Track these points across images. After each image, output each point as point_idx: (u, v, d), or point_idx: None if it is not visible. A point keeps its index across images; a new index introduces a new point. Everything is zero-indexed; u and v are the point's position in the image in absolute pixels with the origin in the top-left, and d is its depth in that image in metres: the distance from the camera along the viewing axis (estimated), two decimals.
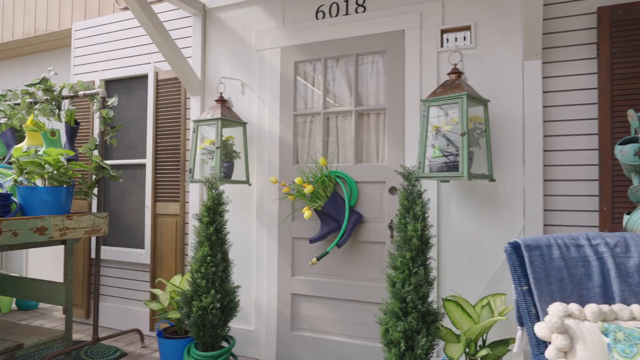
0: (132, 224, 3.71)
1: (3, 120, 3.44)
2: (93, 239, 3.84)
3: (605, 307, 1.40)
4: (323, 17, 3.02)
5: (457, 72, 2.37)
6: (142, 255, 3.61)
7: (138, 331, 3.36)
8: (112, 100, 3.18)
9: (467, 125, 2.21)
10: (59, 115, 3.22)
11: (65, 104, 3.92)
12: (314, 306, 2.97)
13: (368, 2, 2.90)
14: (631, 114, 1.95)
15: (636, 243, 1.56)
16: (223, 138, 3.02)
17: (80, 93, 3.22)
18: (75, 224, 2.77)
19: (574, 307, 1.40)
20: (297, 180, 2.80)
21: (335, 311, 2.90)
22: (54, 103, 3.21)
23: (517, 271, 1.52)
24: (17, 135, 3.55)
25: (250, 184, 3.08)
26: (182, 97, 3.49)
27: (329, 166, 2.93)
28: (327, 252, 2.79)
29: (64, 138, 3.72)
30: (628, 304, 1.47)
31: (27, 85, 3.18)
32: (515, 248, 1.54)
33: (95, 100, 3.23)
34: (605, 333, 1.26)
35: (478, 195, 2.57)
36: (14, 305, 4.38)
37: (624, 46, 2.31)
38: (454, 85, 2.32)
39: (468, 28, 2.63)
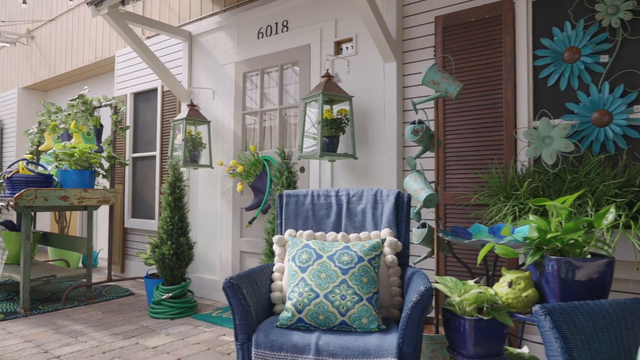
0: (148, 201, 4.90)
1: (62, 126, 4.84)
2: (126, 213, 5.12)
3: (318, 233, 2.09)
4: (262, 37, 3.88)
5: (327, 76, 3.09)
6: (153, 224, 4.78)
7: (143, 278, 4.52)
8: (121, 108, 4.37)
9: (322, 115, 2.93)
10: (92, 120, 4.50)
11: (107, 111, 5.27)
12: (254, 261, 3.84)
13: (290, 23, 3.69)
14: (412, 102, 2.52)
15: (367, 195, 2.20)
16: (193, 134, 4.03)
17: (104, 103, 4.47)
18: (89, 195, 3.98)
19: (300, 232, 2.12)
20: (232, 162, 3.71)
21: None
22: (88, 112, 4.50)
23: (277, 211, 2.26)
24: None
25: (212, 167, 4.04)
26: (178, 104, 4.58)
27: (263, 152, 3.78)
28: (255, 217, 3.65)
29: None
30: (348, 234, 2.14)
31: (70, 100, 4.51)
32: (280, 196, 2.28)
33: (115, 109, 4.46)
34: (287, 240, 1.98)
35: (357, 171, 3.24)
36: (80, 264, 5.88)
37: (452, 47, 2.84)
38: (321, 85, 3.05)
39: (352, 39, 3.31)
